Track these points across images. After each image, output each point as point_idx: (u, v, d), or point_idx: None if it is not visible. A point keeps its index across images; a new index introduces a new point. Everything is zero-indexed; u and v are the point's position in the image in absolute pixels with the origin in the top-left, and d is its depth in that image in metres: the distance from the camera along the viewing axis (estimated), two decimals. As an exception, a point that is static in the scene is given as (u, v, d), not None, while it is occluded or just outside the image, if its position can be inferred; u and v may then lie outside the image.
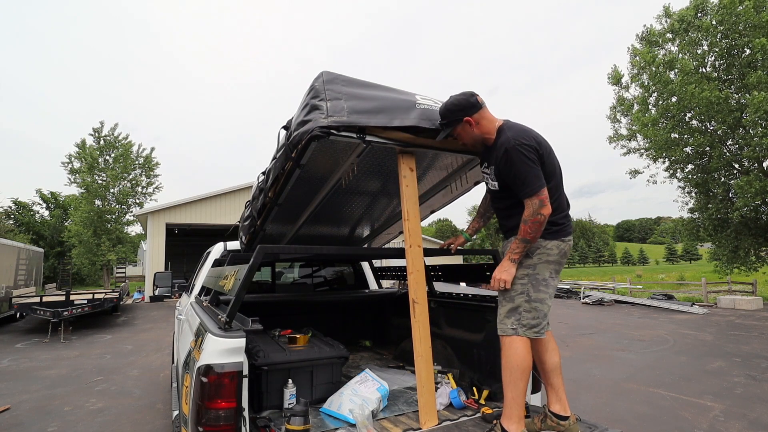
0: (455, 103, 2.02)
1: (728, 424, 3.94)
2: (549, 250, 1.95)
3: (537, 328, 1.93)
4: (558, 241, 1.97)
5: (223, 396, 1.64)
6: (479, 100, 2.04)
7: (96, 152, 22.01)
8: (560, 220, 1.98)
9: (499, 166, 1.99)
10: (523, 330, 1.92)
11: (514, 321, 1.94)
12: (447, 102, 2.04)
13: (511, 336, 1.93)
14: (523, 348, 1.91)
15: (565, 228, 2.01)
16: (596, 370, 5.90)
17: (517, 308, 1.95)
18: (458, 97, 2.02)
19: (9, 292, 11.59)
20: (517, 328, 1.93)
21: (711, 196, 16.78)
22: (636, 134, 17.85)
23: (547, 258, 1.95)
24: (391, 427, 2.02)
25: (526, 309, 1.93)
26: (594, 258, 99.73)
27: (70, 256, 25.54)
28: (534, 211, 1.86)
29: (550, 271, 1.96)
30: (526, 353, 1.90)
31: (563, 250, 1.99)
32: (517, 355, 1.90)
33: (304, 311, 3.97)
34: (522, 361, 1.89)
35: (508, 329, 1.95)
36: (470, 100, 2.01)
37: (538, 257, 1.95)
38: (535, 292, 1.93)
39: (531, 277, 1.94)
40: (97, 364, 6.67)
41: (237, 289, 1.87)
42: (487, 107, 2.06)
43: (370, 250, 4.28)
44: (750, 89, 13.86)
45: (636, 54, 17.04)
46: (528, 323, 1.92)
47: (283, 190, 2.44)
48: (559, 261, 1.98)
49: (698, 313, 12.01)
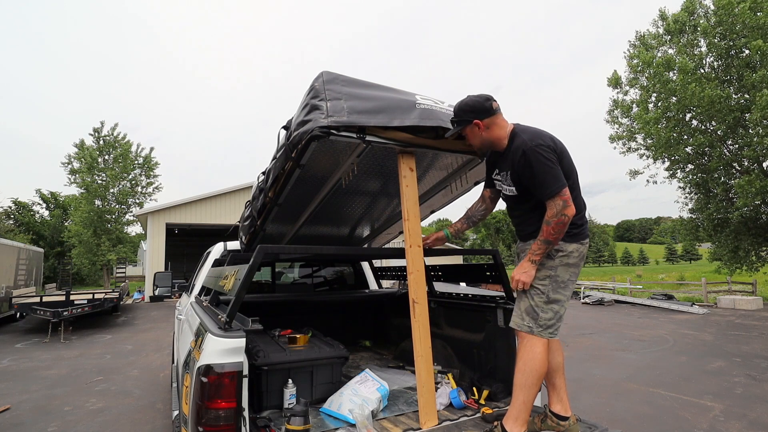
0: (469, 104, 2.01)
1: (728, 424, 3.94)
2: (570, 253, 1.95)
3: (552, 329, 1.93)
4: (577, 244, 1.97)
5: (223, 396, 1.64)
6: (494, 105, 2.02)
7: (95, 152, 22.01)
8: (578, 221, 1.97)
9: (517, 170, 1.96)
10: (539, 330, 1.92)
11: (531, 320, 1.94)
12: (462, 101, 2.04)
13: (529, 336, 1.93)
14: (543, 351, 1.90)
15: (583, 230, 2.01)
16: (596, 370, 5.90)
17: (535, 308, 1.94)
18: (474, 99, 2.02)
19: (9, 292, 11.59)
20: (533, 327, 1.93)
21: (711, 196, 16.79)
22: (635, 135, 17.87)
23: (567, 261, 1.95)
24: (391, 427, 2.02)
25: (544, 310, 1.93)
26: (594, 258, 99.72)
27: (70, 256, 25.55)
28: (557, 212, 1.84)
29: (569, 274, 1.96)
30: (544, 358, 1.90)
31: (582, 253, 1.99)
32: (536, 360, 1.89)
33: (304, 311, 3.97)
34: (541, 366, 1.89)
35: (524, 326, 1.95)
36: (485, 104, 2.00)
37: (559, 259, 1.94)
38: (554, 294, 1.93)
39: (552, 278, 1.94)
40: (97, 364, 6.66)
41: (237, 289, 1.87)
42: (501, 113, 2.05)
43: (370, 250, 4.28)
44: (749, 89, 13.86)
45: (633, 57, 17.08)
46: (545, 324, 1.92)
47: (283, 190, 2.44)
48: (577, 264, 1.98)
49: (698, 313, 12.01)
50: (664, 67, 15.38)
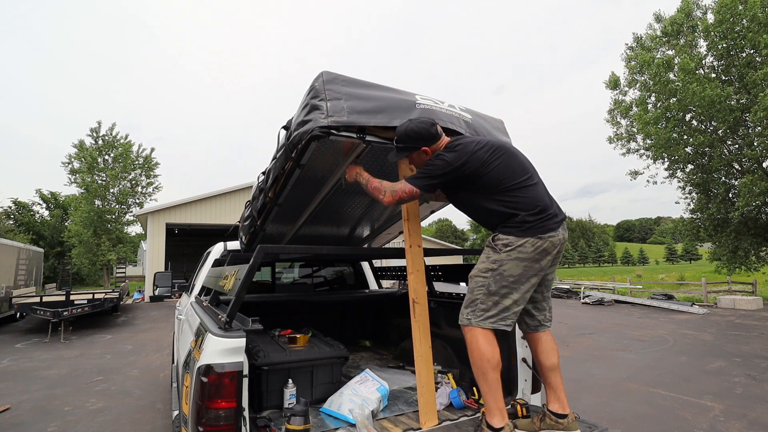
0: (416, 131, 2.01)
1: (728, 424, 3.94)
2: (522, 247, 1.92)
3: (493, 319, 1.93)
4: (533, 239, 1.92)
5: (223, 396, 1.64)
6: (438, 130, 2.07)
7: (95, 152, 22.02)
8: (529, 218, 1.94)
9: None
10: (477, 320, 1.94)
11: (469, 312, 1.98)
12: (407, 128, 2.02)
13: (470, 327, 1.96)
14: (483, 340, 1.91)
15: (537, 226, 1.94)
16: (596, 370, 5.90)
17: (474, 300, 1.98)
18: (419, 126, 2.02)
19: (9, 292, 11.59)
20: (471, 318, 1.96)
21: (711, 196, 16.79)
22: (636, 135, 17.88)
23: (518, 255, 1.92)
24: (391, 427, 2.02)
25: (482, 301, 1.95)
26: (594, 258, 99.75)
27: (70, 256, 25.54)
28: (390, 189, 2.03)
29: (522, 269, 1.92)
30: (486, 345, 1.91)
31: (540, 247, 1.93)
32: (477, 349, 1.91)
33: (304, 311, 3.97)
34: (482, 354, 1.90)
35: (464, 318, 1.99)
36: (430, 130, 2.03)
37: (506, 254, 1.93)
38: (495, 287, 1.93)
39: (495, 272, 1.94)
40: (97, 364, 6.67)
41: (237, 289, 1.87)
42: (444, 136, 2.11)
43: (370, 250, 4.28)
44: (750, 89, 13.85)
45: (630, 59, 17.09)
46: (482, 314, 1.94)
47: (283, 190, 2.44)
48: (535, 258, 1.93)
49: (698, 313, 12.01)
50: (665, 68, 15.39)
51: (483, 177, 1.97)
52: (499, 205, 1.97)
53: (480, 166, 1.97)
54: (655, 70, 15.50)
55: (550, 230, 1.95)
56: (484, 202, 2.02)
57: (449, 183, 2.03)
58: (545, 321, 2.14)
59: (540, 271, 1.97)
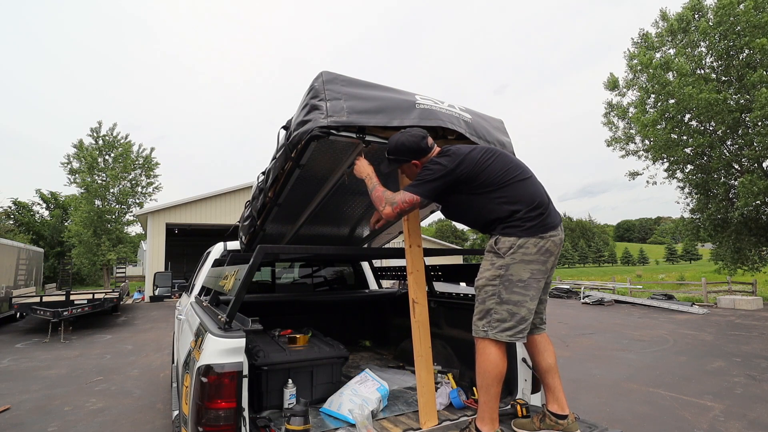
0: (406, 144, 2.01)
1: (728, 424, 3.94)
2: (525, 248, 1.89)
3: (511, 331, 1.87)
4: (535, 238, 1.90)
5: (223, 396, 1.64)
6: (429, 143, 2.05)
7: (95, 152, 22.02)
8: (530, 214, 1.92)
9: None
10: (494, 332, 1.88)
11: (485, 323, 1.91)
12: (399, 140, 2.02)
13: (483, 339, 1.91)
14: (496, 353, 1.87)
15: (539, 224, 1.93)
16: (596, 370, 5.90)
17: (489, 311, 1.91)
18: (410, 139, 2.01)
19: (9, 292, 11.59)
20: (488, 330, 1.90)
21: (711, 197, 16.80)
22: (634, 137, 17.89)
23: (522, 257, 1.89)
24: (391, 427, 2.02)
25: (497, 311, 1.89)
26: (594, 258, 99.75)
27: (70, 256, 25.55)
28: (391, 199, 1.98)
29: (530, 271, 1.89)
30: (498, 359, 1.87)
31: (543, 247, 1.91)
32: (489, 361, 1.87)
33: (304, 311, 3.97)
34: (493, 368, 1.87)
35: (479, 331, 1.93)
36: (420, 144, 2.02)
37: (511, 257, 1.89)
38: (507, 294, 1.88)
39: (503, 278, 1.89)
40: (97, 364, 6.67)
41: (237, 289, 1.87)
42: (435, 147, 2.09)
43: (370, 250, 4.28)
44: (749, 89, 13.86)
45: (633, 57, 17.07)
46: (498, 325, 1.88)
47: (282, 190, 2.44)
48: (540, 260, 1.91)
49: (698, 313, 12.01)
50: (663, 69, 15.39)
51: (479, 176, 1.97)
52: (499, 204, 1.96)
53: (475, 165, 1.97)
54: (653, 71, 15.50)
55: (552, 228, 1.94)
56: (483, 202, 2.00)
57: (446, 188, 2.00)
58: (540, 324, 2.14)
59: (545, 273, 1.96)
